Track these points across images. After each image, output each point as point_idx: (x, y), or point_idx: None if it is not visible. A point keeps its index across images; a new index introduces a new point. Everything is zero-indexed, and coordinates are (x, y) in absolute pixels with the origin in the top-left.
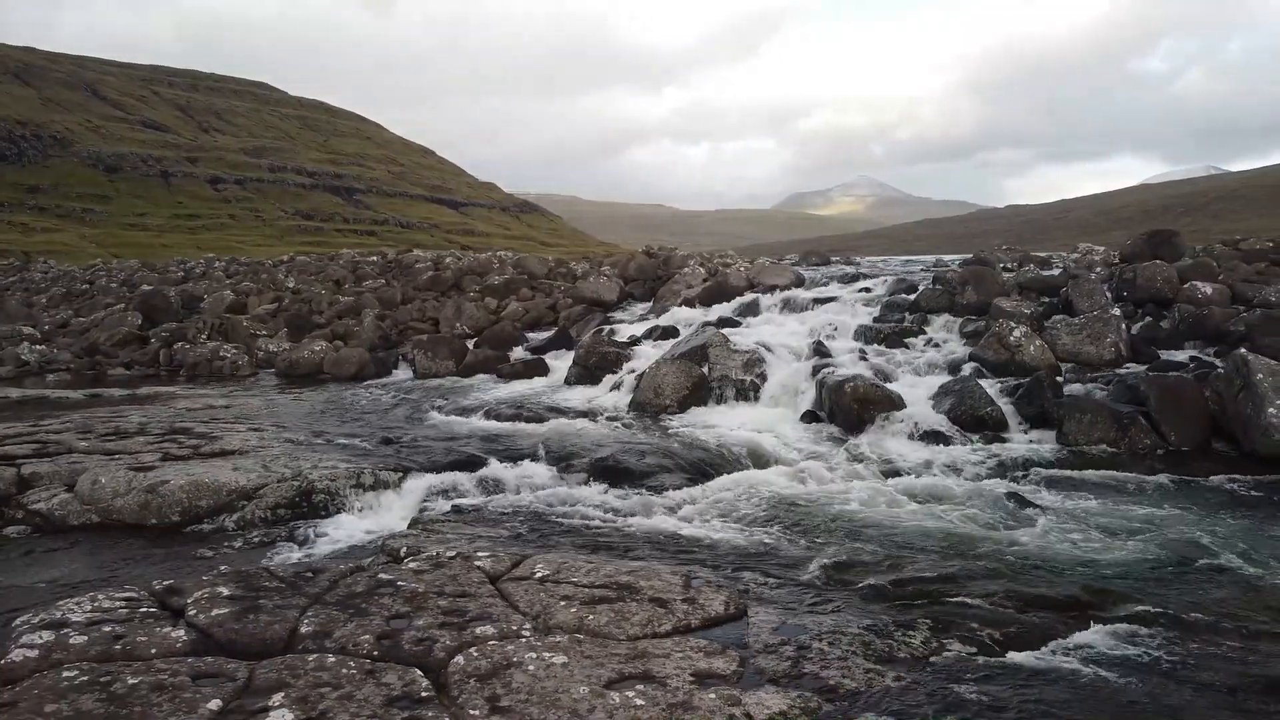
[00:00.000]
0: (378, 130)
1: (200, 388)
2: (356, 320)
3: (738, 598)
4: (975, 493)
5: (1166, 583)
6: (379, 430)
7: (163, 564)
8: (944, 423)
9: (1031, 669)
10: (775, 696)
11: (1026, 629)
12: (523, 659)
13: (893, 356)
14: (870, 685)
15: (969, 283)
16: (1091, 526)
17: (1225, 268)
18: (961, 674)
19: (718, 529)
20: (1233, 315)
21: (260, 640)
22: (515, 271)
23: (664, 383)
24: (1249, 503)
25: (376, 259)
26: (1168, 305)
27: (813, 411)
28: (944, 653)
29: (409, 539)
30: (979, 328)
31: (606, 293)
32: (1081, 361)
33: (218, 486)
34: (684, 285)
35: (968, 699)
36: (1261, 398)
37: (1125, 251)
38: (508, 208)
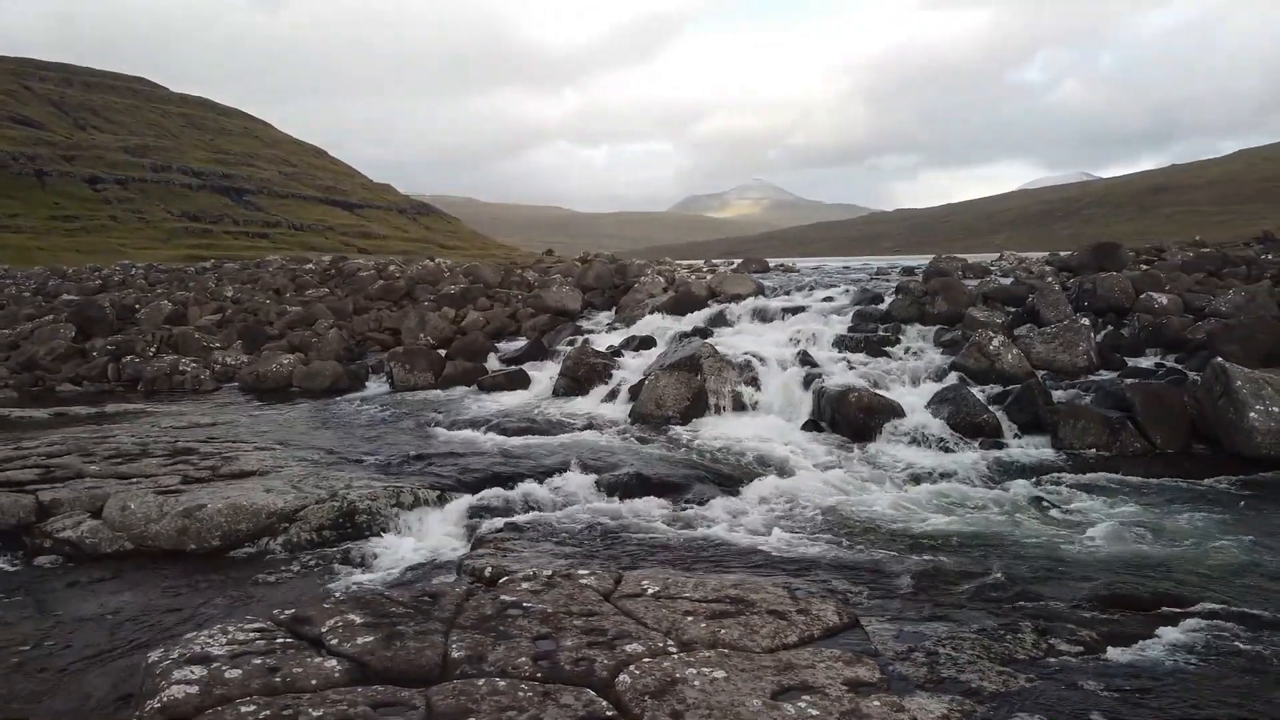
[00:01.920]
0: (267, 129)
1: (167, 404)
2: (311, 331)
3: (846, 607)
4: (1004, 499)
5: (1221, 580)
6: (390, 446)
7: (225, 591)
8: (945, 430)
9: (1132, 665)
10: (933, 702)
11: (1114, 627)
12: (685, 675)
13: (878, 365)
14: (1007, 687)
15: (939, 293)
16: (1129, 528)
17: (1169, 279)
18: (1077, 673)
19: (779, 539)
20: (1189, 324)
21: (416, 667)
22: (468, 280)
23: (665, 394)
24: (1256, 501)
25: (313, 266)
26: (1125, 314)
27: (814, 420)
28: (1055, 654)
29: (487, 558)
30: (955, 337)
31: (570, 302)
32: (1055, 369)
33: (256, 509)
34: (646, 294)
35: (1096, 695)
36: (1242, 403)
37: (1072, 262)
38: (404, 210)
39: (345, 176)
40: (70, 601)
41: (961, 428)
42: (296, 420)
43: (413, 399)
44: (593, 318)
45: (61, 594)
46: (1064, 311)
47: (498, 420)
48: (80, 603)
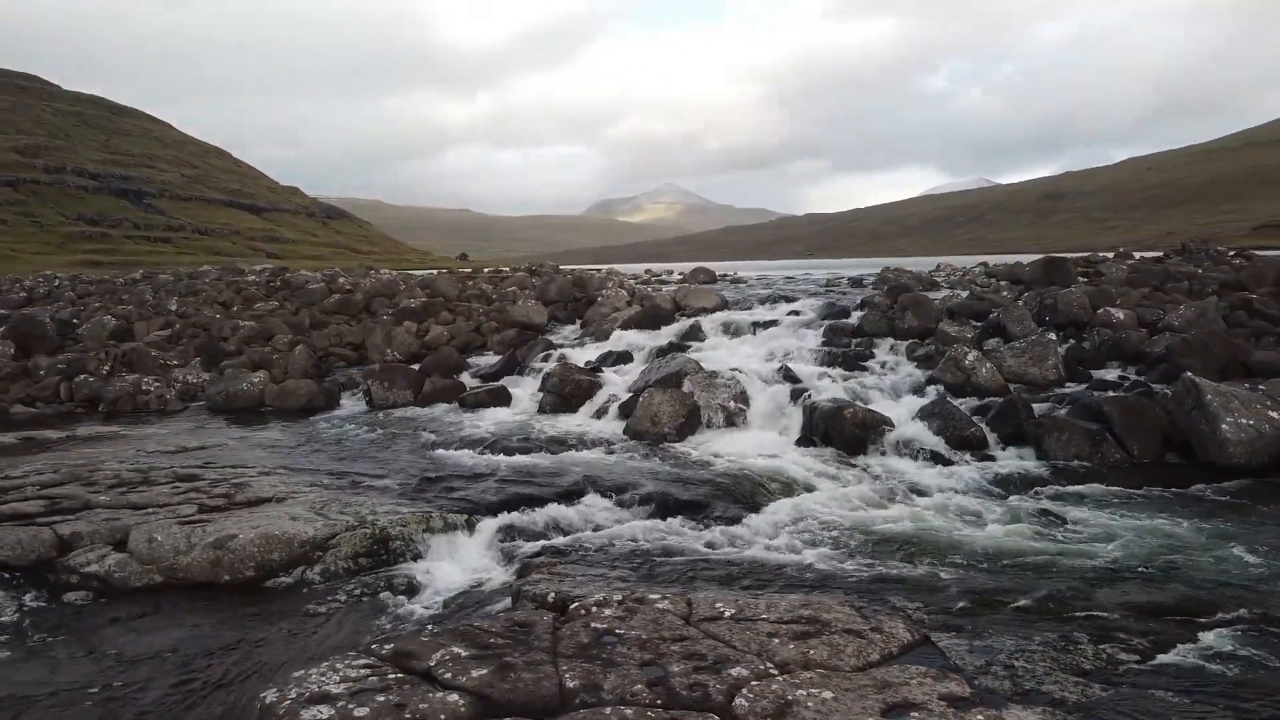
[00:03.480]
0: (167, 130)
1: (138, 426)
2: (270, 347)
3: (914, 624)
4: (1014, 511)
5: (1239, 587)
6: (396, 468)
7: (278, 624)
8: (939, 443)
9: (1188, 671)
10: (1027, 712)
11: (1159, 636)
12: (796, 696)
13: (858, 380)
14: (1085, 696)
15: (908, 309)
16: (1138, 539)
17: (1119, 294)
18: (1143, 681)
19: (818, 557)
20: (1145, 338)
21: (537, 698)
22: (426, 294)
23: (660, 411)
24: (1243, 509)
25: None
26: (1084, 328)
27: (807, 436)
28: (1117, 663)
29: (544, 584)
30: (929, 351)
31: (536, 316)
32: (1026, 382)
33: (289, 538)
34: (610, 308)
35: (1166, 701)
36: (1214, 415)
37: (1024, 276)
38: (314, 213)
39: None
40: (120, 639)
41: (950, 441)
42: (286, 442)
43: (395, 418)
44: (558, 331)
45: (107, 631)
46: (1029, 326)
47: (495, 439)
48: (132, 640)
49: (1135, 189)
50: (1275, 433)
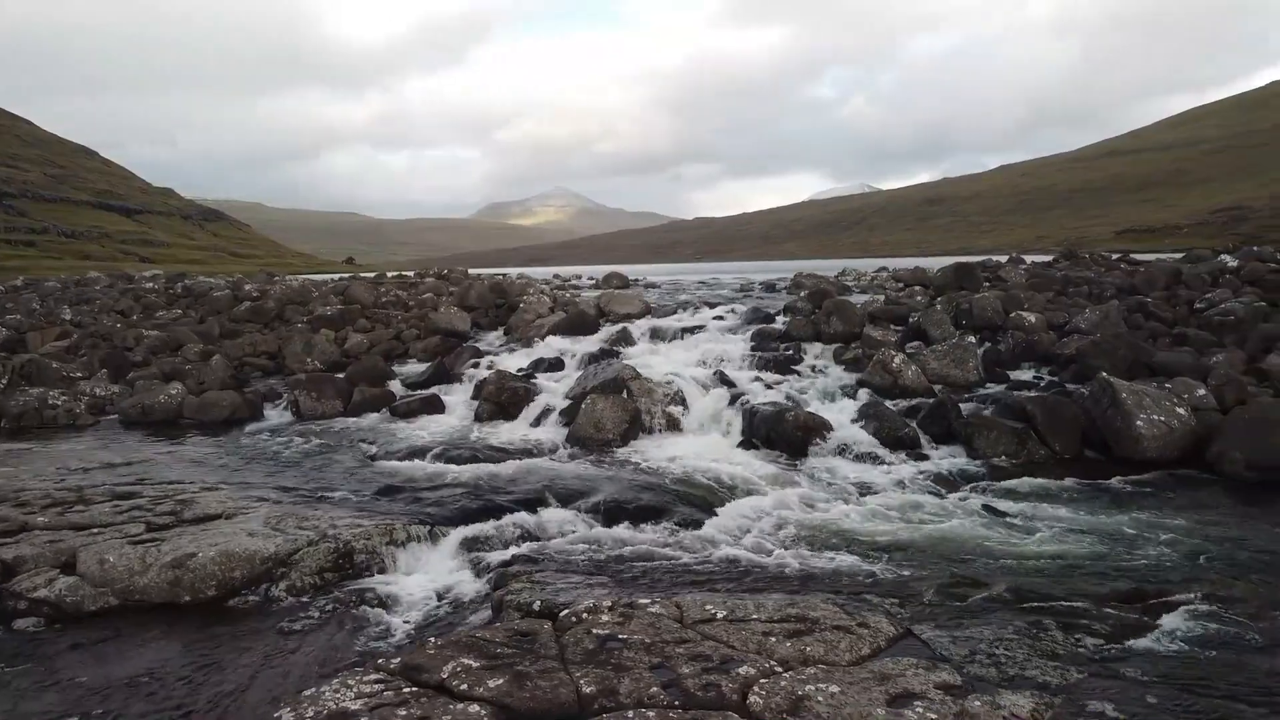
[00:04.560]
0: (30, 128)
1: (50, 441)
2: (180, 357)
3: (895, 619)
4: (959, 507)
5: (1180, 571)
6: (344, 480)
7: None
8: (876, 444)
9: (1153, 652)
10: (1020, 698)
11: (1119, 621)
12: (806, 691)
13: (790, 383)
14: (1066, 679)
15: (833, 314)
16: (1077, 530)
17: (1027, 298)
18: (1114, 663)
19: (786, 556)
20: (1055, 340)
21: (558, 705)
22: (341, 300)
23: (604, 417)
24: (1162, 498)
25: (152, 285)
26: (998, 331)
27: (748, 439)
28: (1086, 648)
29: (526, 592)
30: (856, 355)
31: (459, 323)
32: (949, 383)
33: (250, 555)
34: (534, 314)
35: (1140, 681)
36: (1129, 413)
37: (936, 281)
38: (190, 215)
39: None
40: (85, 666)
41: (886, 441)
42: (219, 456)
43: (327, 428)
44: (482, 338)
45: (70, 658)
46: (948, 330)
47: (440, 449)
48: (99, 667)
49: (1009, 195)
50: (1184, 427)
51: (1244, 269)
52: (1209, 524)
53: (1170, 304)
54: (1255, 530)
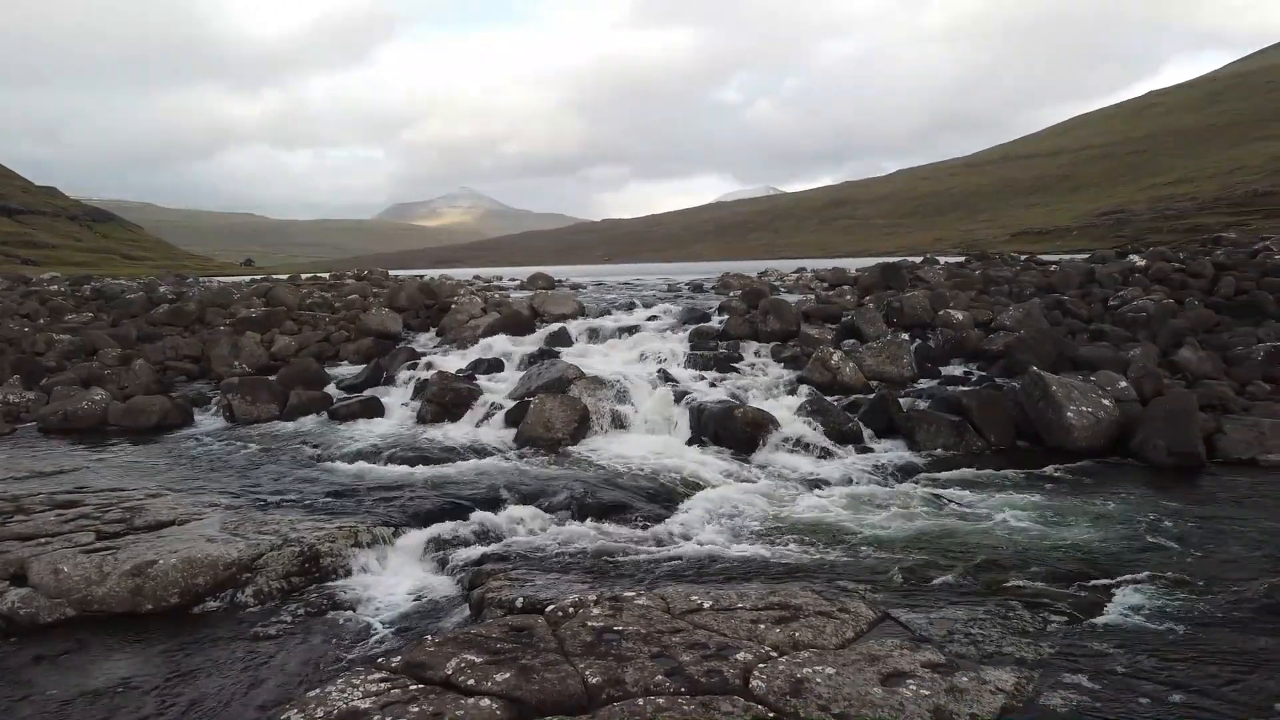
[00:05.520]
0: None
1: None
2: (98, 362)
3: (873, 603)
4: (908, 497)
5: (1123, 552)
6: (296, 484)
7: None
8: (822, 439)
9: (1111, 625)
10: (1001, 673)
11: (1077, 599)
12: (805, 674)
13: (732, 381)
14: (1040, 654)
15: (770, 312)
16: (1021, 516)
17: (952, 296)
18: (1080, 638)
19: (758, 548)
20: (983, 337)
21: (567, 696)
22: (264, 302)
23: (553, 417)
24: (1093, 484)
25: (57, 288)
26: (928, 328)
27: (697, 436)
28: (1053, 624)
29: (506, 590)
30: (795, 353)
31: (391, 324)
32: (885, 379)
33: (213, 561)
34: (468, 315)
35: (1105, 654)
36: (1060, 405)
37: (864, 281)
38: (76, 216)
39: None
40: (53, 679)
41: (832, 436)
42: (157, 462)
43: (265, 433)
44: (415, 339)
45: (35, 672)
46: (881, 328)
47: (389, 451)
48: (68, 679)
49: (908, 198)
50: (1109, 418)
51: (1151, 269)
52: (1141, 507)
53: (1086, 301)
54: (1181, 511)
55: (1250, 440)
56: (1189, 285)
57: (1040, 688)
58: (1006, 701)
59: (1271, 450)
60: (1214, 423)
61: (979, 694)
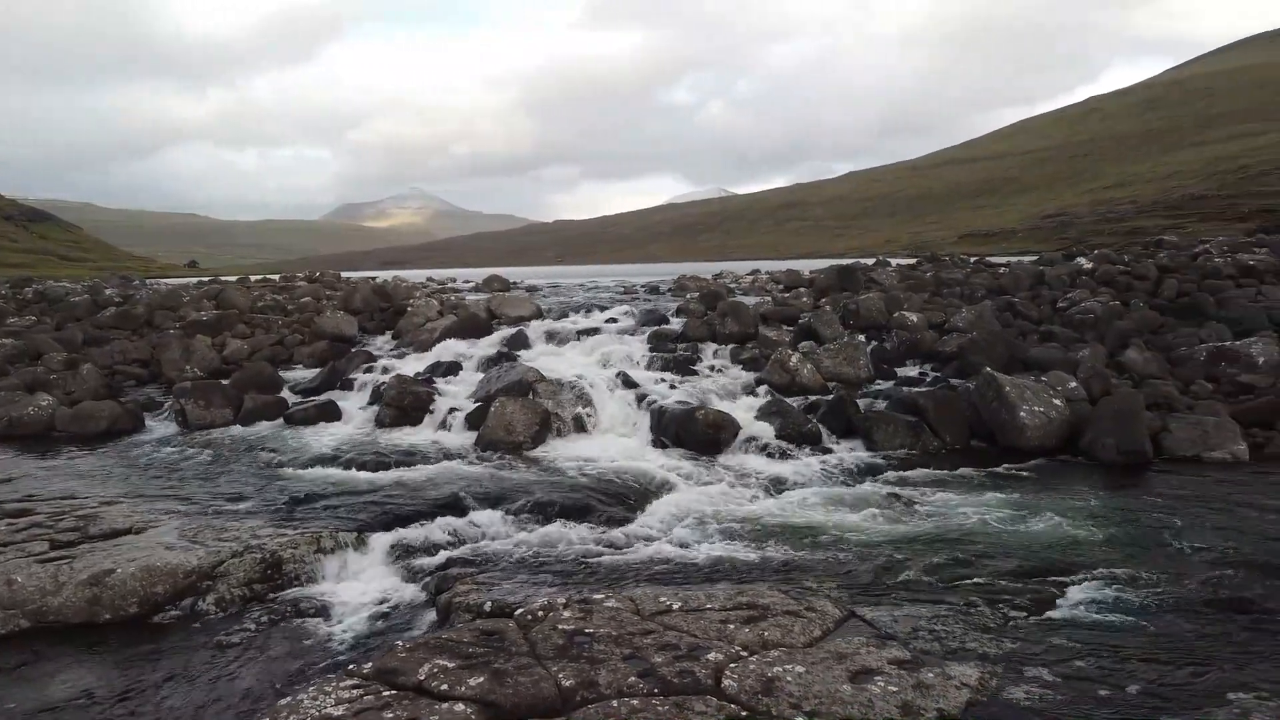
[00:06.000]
0: None
1: None
2: (42, 366)
3: (839, 602)
4: (869, 497)
5: (1077, 548)
6: (255, 490)
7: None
8: (782, 440)
9: (1068, 619)
10: (965, 668)
11: (1035, 594)
12: (775, 673)
13: (692, 383)
14: (1002, 649)
15: (728, 315)
16: (979, 514)
17: (906, 299)
18: (1039, 631)
19: (722, 549)
20: (937, 339)
21: (542, 699)
22: (215, 305)
23: (514, 420)
24: (1048, 482)
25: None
26: (883, 330)
27: (658, 438)
28: (1013, 620)
29: (474, 594)
30: (753, 355)
31: (346, 327)
32: (843, 380)
33: (173, 569)
34: (424, 318)
35: (1064, 646)
36: (1014, 405)
37: (820, 283)
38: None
39: None
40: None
41: (792, 437)
42: (109, 469)
43: (220, 438)
44: (371, 343)
45: None
46: (838, 329)
47: (348, 455)
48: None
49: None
50: (1061, 417)
51: (1098, 271)
52: (1093, 504)
53: (1035, 303)
54: (1131, 508)
55: (1194, 438)
56: (1134, 287)
57: (1003, 682)
58: (971, 696)
59: (1214, 448)
60: (1160, 421)
61: (944, 689)
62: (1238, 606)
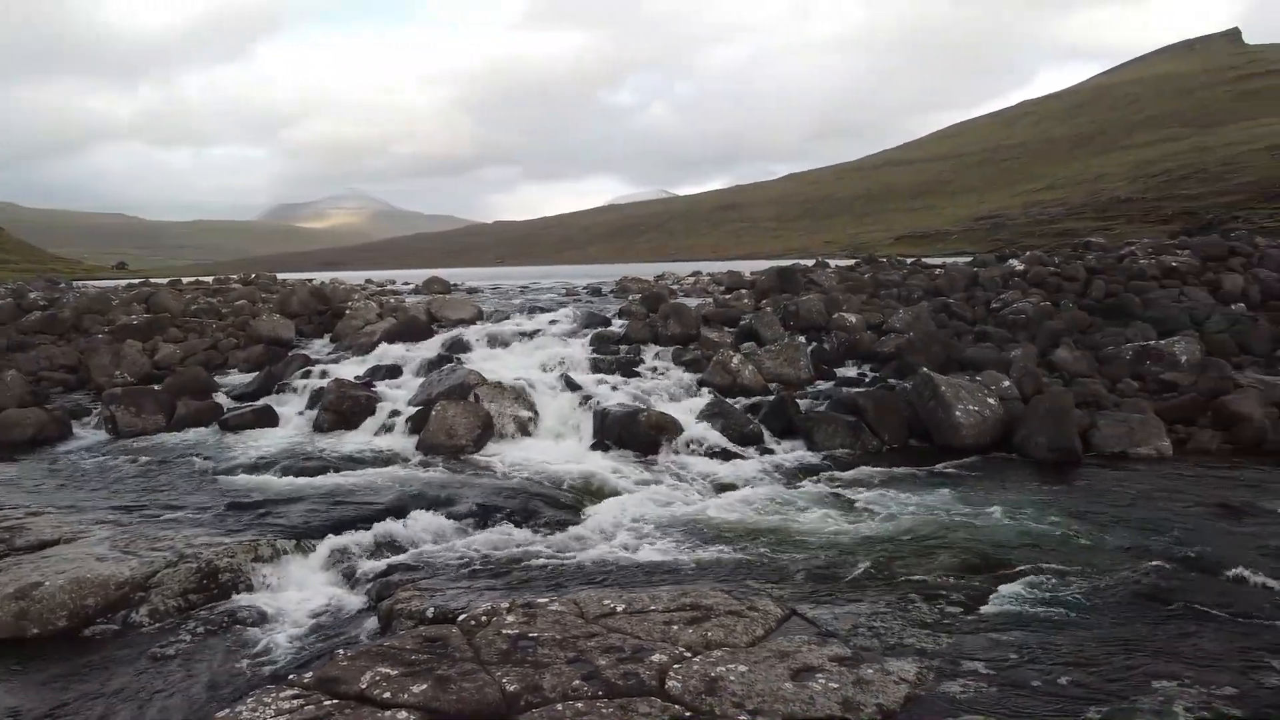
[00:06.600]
0: None
1: None
2: None
3: (781, 601)
4: (810, 496)
5: (1011, 544)
6: (190, 498)
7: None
8: (724, 441)
9: (1001, 614)
10: (904, 663)
11: (971, 590)
12: (718, 673)
13: (635, 385)
14: (939, 644)
15: (670, 316)
16: (918, 512)
17: (845, 300)
18: (975, 626)
19: (665, 550)
20: (875, 339)
21: (486, 704)
22: (146, 309)
23: (455, 423)
24: (980, 479)
25: None
26: (823, 331)
27: (601, 440)
28: (950, 615)
29: (416, 600)
30: (695, 356)
31: (283, 331)
32: (783, 381)
33: (104, 581)
34: (363, 321)
35: (999, 641)
36: (949, 405)
37: (761, 285)
38: None
39: None
40: None
41: (734, 438)
42: (34, 479)
43: (152, 445)
44: (308, 346)
45: None
46: (778, 331)
47: (286, 461)
48: None
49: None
50: (995, 416)
51: (1029, 272)
52: (1025, 500)
53: (970, 304)
54: (1062, 504)
55: (1121, 435)
56: (1064, 288)
57: (940, 676)
58: (910, 691)
59: (1140, 444)
60: (1089, 419)
61: (884, 685)
62: (1163, 598)
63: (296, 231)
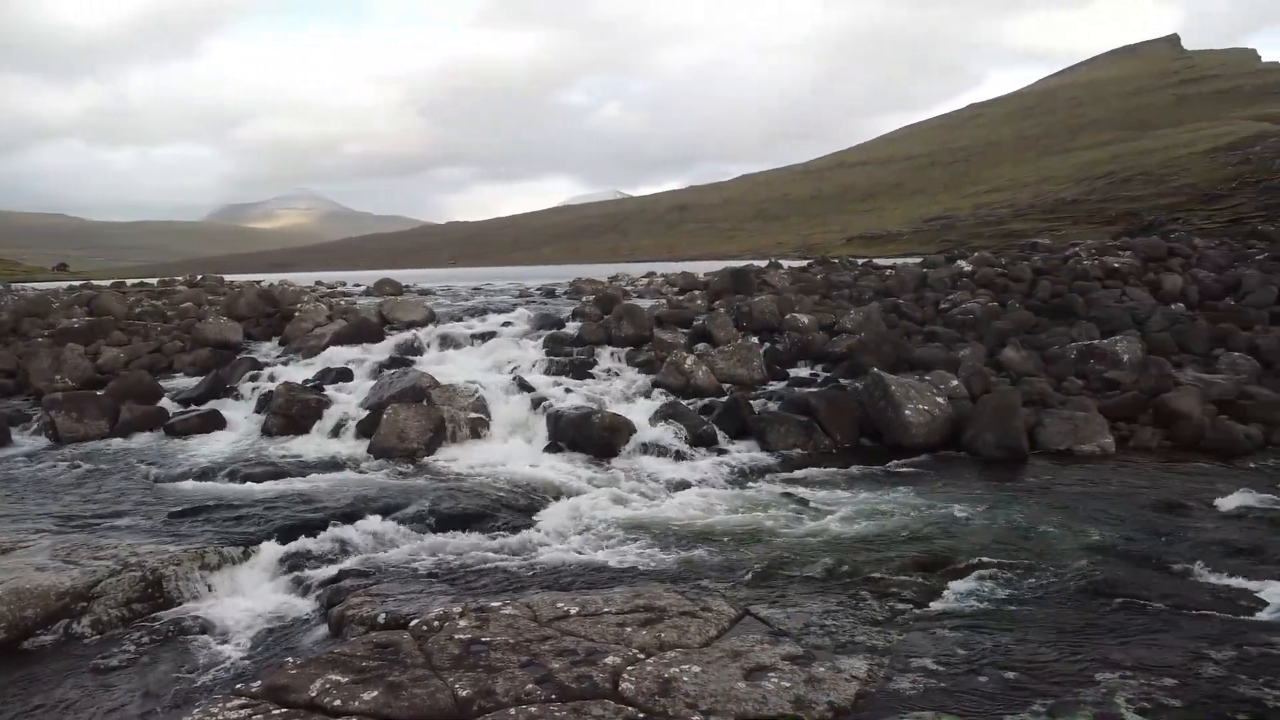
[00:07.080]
0: None
1: None
2: None
3: (734, 601)
4: (763, 496)
5: (960, 540)
6: (133, 505)
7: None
8: (678, 442)
9: (950, 611)
10: (855, 661)
11: (919, 587)
12: (672, 674)
13: (588, 387)
14: (889, 641)
15: (624, 318)
16: (869, 510)
17: (797, 300)
18: (923, 623)
19: (619, 552)
20: (827, 340)
21: (439, 711)
22: (86, 311)
23: (407, 427)
24: (930, 477)
25: None
26: (775, 331)
27: (555, 443)
28: (899, 612)
29: (367, 606)
30: (649, 357)
31: (231, 334)
32: (737, 381)
33: (44, 591)
34: (313, 323)
35: (946, 637)
36: (899, 404)
37: (714, 286)
38: None
39: None
40: None
41: (688, 439)
42: None
43: (95, 451)
44: (257, 349)
45: None
46: (731, 332)
47: (233, 466)
48: None
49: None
50: (944, 415)
51: (977, 273)
52: (974, 497)
53: (919, 305)
54: (1010, 500)
55: (1066, 432)
56: (1010, 289)
57: (891, 673)
58: (861, 688)
59: (1084, 441)
60: (1035, 417)
61: (835, 682)
62: (1107, 591)
63: (245, 232)
